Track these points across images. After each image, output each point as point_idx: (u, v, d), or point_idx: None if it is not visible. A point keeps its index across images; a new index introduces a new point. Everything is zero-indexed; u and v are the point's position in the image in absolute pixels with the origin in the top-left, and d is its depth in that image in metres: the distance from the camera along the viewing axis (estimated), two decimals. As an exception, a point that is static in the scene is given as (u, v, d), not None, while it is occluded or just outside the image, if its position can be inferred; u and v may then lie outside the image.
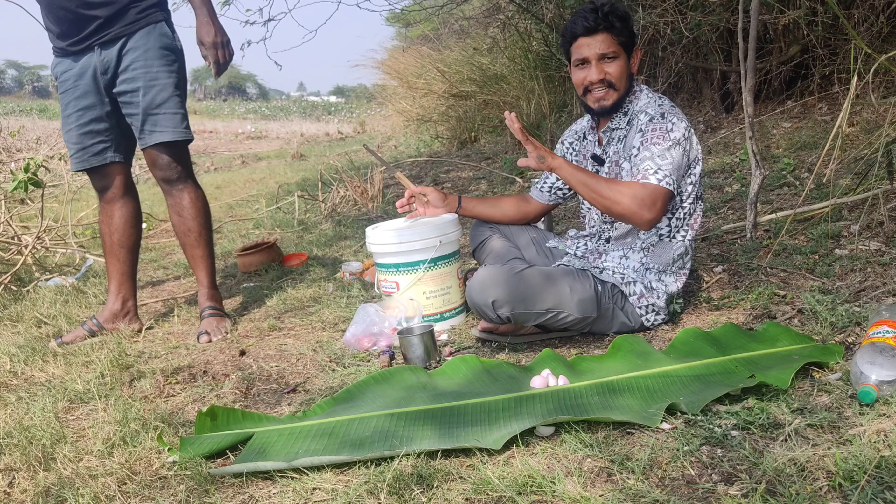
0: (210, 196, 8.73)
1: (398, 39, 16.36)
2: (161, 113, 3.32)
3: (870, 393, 1.98)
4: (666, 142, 2.75)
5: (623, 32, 2.83)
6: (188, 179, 3.51)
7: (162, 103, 3.32)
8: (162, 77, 3.31)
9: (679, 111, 2.87)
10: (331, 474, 1.98)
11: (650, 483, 1.77)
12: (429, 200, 3.34)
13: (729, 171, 5.16)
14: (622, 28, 2.83)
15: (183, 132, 3.40)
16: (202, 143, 21.85)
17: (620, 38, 2.83)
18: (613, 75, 2.86)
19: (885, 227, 3.30)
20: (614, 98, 2.90)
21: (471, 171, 7.47)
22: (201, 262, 3.53)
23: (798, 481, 1.68)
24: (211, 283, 3.58)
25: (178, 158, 3.44)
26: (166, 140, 3.35)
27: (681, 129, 2.78)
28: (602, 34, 2.83)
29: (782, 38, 6.12)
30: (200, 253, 3.51)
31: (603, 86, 2.88)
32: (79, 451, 2.24)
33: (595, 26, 2.82)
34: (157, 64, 3.30)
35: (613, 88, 2.88)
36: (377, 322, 3.06)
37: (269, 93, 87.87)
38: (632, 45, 2.89)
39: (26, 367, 3.09)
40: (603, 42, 2.83)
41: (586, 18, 2.83)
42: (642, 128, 2.84)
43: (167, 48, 3.33)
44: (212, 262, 3.59)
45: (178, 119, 3.37)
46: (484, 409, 2.25)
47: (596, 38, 2.83)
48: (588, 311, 2.82)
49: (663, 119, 2.80)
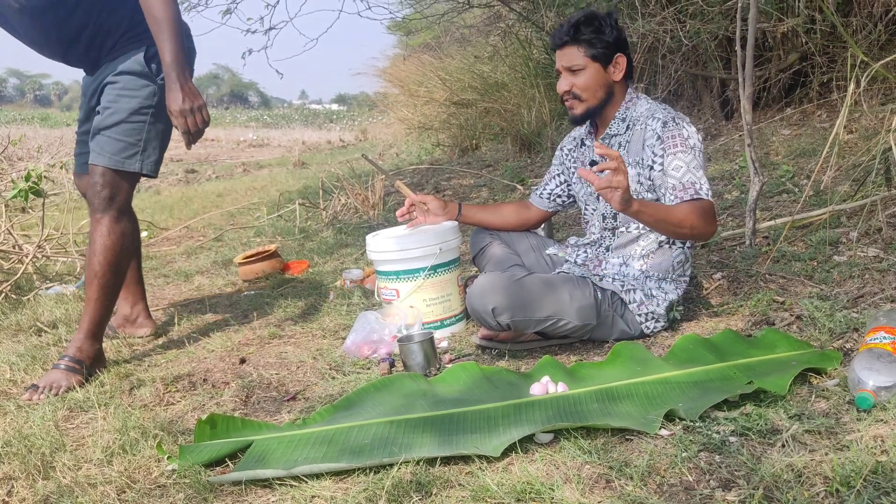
0: (212, 204, 8.83)
1: (400, 47, 16.40)
2: (105, 135, 3.13)
3: (867, 399, 1.98)
4: (690, 150, 2.78)
5: (595, 44, 2.86)
6: (109, 211, 3.15)
7: (109, 126, 3.13)
8: (122, 101, 3.14)
9: (683, 117, 2.89)
10: (330, 482, 1.98)
11: (648, 489, 1.77)
12: (429, 209, 3.35)
13: (728, 178, 5.16)
14: (594, 39, 2.86)
15: (117, 161, 3.12)
16: (203, 151, 21.89)
17: (591, 51, 2.87)
18: (578, 86, 2.91)
19: (884, 233, 3.31)
20: (582, 108, 2.95)
21: (472, 179, 7.48)
22: (88, 305, 3.11)
23: (795, 487, 1.69)
24: (87, 332, 3.11)
25: (106, 186, 3.15)
26: (95, 163, 3.14)
27: (694, 134, 2.83)
28: (568, 48, 2.90)
29: (781, 45, 6.14)
30: (91, 294, 3.10)
31: (570, 97, 2.95)
32: (78, 460, 2.24)
33: (560, 42, 2.91)
34: (120, 89, 3.14)
35: (579, 99, 2.93)
36: (377, 329, 3.06)
37: (271, 101, 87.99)
38: (610, 53, 2.90)
39: (26, 376, 3.09)
40: (568, 55, 2.90)
41: (556, 34, 2.94)
42: (659, 133, 2.83)
43: (139, 75, 3.15)
44: (101, 309, 3.12)
45: (120, 147, 3.13)
46: (483, 416, 2.25)
47: (563, 51, 2.92)
48: (588, 319, 2.82)
49: (676, 125, 2.82)
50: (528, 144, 8.18)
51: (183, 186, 12.66)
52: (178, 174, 15.34)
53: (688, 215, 2.69)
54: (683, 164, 2.76)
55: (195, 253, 5.89)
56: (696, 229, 2.70)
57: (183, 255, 5.82)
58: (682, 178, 2.76)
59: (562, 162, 3.27)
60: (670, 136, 2.81)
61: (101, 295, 3.11)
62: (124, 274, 3.22)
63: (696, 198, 2.72)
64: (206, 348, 3.34)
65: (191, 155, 19.53)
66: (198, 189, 11.44)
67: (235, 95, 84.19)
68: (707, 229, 2.72)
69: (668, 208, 2.73)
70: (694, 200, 2.72)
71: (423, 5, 9.99)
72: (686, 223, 2.68)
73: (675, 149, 2.78)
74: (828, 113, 5.87)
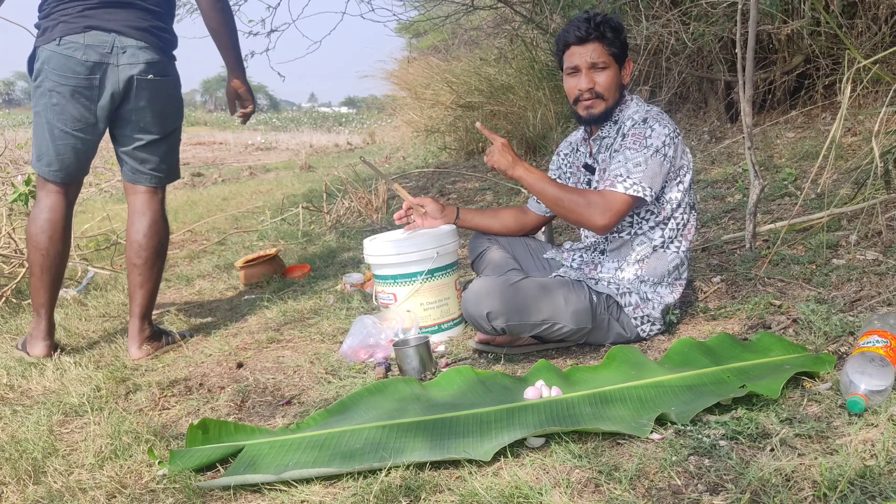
0: (216, 208, 8.84)
1: (408, 50, 16.39)
2: None
3: (858, 403, 1.98)
4: (643, 148, 2.76)
5: (615, 43, 2.84)
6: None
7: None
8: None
9: (665, 117, 2.87)
10: (319, 487, 1.98)
11: (636, 493, 1.77)
12: (427, 212, 3.34)
13: (732, 180, 5.15)
14: (614, 38, 2.83)
15: (33, 163, 3.39)
16: (211, 154, 21.91)
17: (612, 49, 2.84)
18: (602, 85, 2.86)
19: (883, 236, 3.30)
20: (602, 107, 2.90)
21: (477, 182, 7.48)
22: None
23: (783, 491, 1.68)
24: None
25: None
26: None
27: (661, 135, 2.79)
28: (593, 43, 2.83)
29: (786, 48, 6.12)
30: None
31: (591, 95, 2.88)
32: (70, 465, 2.25)
33: (587, 35, 2.83)
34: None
35: (602, 98, 2.88)
36: (374, 334, 3.06)
37: (279, 104, 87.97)
38: (623, 56, 2.89)
39: (23, 381, 3.10)
40: (594, 51, 2.83)
41: (578, 28, 2.84)
42: (625, 132, 2.86)
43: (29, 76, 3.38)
44: None
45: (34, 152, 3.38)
46: (476, 420, 2.25)
47: (587, 47, 2.84)
48: (583, 322, 2.82)
49: (644, 124, 2.82)
50: (533, 147, 8.17)
51: (189, 190, 12.67)
52: (185, 178, 15.32)
53: (575, 202, 2.80)
54: (624, 158, 2.78)
55: (198, 257, 5.89)
56: (581, 217, 2.80)
57: (185, 259, 5.82)
58: (614, 169, 2.79)
59: (559, 167, 3.27)
60: (633, 133, 2.82)
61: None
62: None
63: (608, 188, 2.76)
64: (204, 353, 3.34)
65: (197, 158, 19.58)
66: (203, 193, 11.44)
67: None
68: (591, 219, 2.78)
69: (560, 186, 2.87)
70: (595, 191, 2.80)
71: (429, 7, 9.99)
72: (573, 208, 2.81)
73: (626, 146, 2.80)
74: (832, 115, 5.84)
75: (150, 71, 3.25)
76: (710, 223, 4.38)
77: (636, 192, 2.73)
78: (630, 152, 2.77)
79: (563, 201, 2.82)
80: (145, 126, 3.35)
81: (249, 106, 3.64)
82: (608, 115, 2.94)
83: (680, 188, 2.87)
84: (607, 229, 2.79)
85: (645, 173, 2.74)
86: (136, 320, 3.37)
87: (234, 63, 3.51)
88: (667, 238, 2.89)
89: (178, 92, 3.47)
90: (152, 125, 3.36)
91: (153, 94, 3.30)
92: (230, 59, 3.50)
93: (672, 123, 2.85)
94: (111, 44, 3.18)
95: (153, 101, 3.31)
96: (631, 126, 2.84)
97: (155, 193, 3.44)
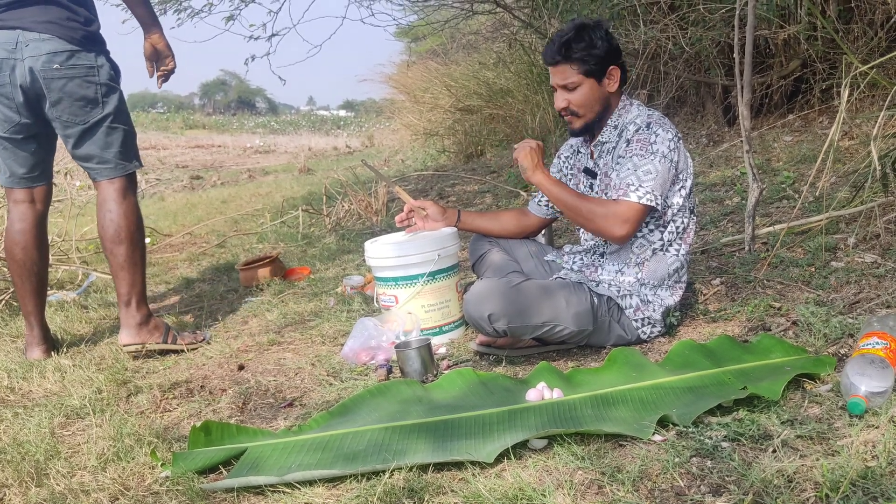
0: (216, 210, 8.85)
1: (407, 54, 16.40)
2: None
3: (859, 404, 1.98)
4: (650, 154, 2.77)
5: (587, 60, 2.84)
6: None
7: None
8: None
9: (668, 122, 2.88)
10: (322, 489, 1.99)
11: (640, 495, 1.78)
12: (428, 214, 3.35)
13: (730, 184, 5.16)
14: (585, 56, 2.83)
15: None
16: (210, 157, 21.94)
17: (584, 67, 2.85)
18: (576, 103, 2.90)
19: (881, 239, 3.31)
20: (580, 123, 2.95)
21: (476, 185, 7.48)
22: None
23: (785, 492, 1.69)
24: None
25: None
26: None
27: (666, 140, 2.80)
28: (561, 65, 2.87)
29: (783, 52, 6.13)
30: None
31: (567, 113, 2.95)
32: (72, 467, 2.25)
33: (553, 60, 2.88)
34: None
35: (576, 115, 2.93)
36: (375, 336, 3.07)
37: (278, 107, 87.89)
38: (603, 68, 2.88)
39: (24, 383, 3.10)
40: (562, 73, 2.88)
41: (547, 51, 2.91)
42: (629, 137, 2.87)
43: None
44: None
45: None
46: (478, 422, 2.26)
47: (557, 68, 2.89)
48: (584, 324, 2.82)
49: (648, 129, 2.83)
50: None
51: (188, 193, 12.69)
52: (184, 181, 15.37)
53: (593, 213, 2.83)
54: (633, 165, 2.79)
55: (197, 259, 5.90)
56: (599, 227, 2.83)
57: (185, 262, 5.83)
58: (624, 177, 2.80)
59: (559, 169, 3.27)
60: (637, 139, 2.83)
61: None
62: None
63: (622, 197, 2.77)
64: (205, 355, 3.34)
65: (196, 161, 19.57)
66: (202, 195, 11.46)
67: (243, 102, 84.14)
68: (609, 230, 2.80)
69: (576, 194, 2.91)
70: (612, 201, 2.80)
71: (428, 12, 10.00)
72: (591, 218, 2.84)
73: (633, 153, 2.81)
74: (829, 119, 5.85)
75: (54, 61, 3.20)
76: (710, 226, 4.38)
77: (649, 200, 2.74)
78: (638, 159, 2.78)
79: (582, 210, 2.85)
80: (68, 119, 3.29)
81: (170, 62, 3.57)
82: (588, 129, 2.99)
83: (682, 193, 2.88)
84: (626, 239, 2.83)
85: (656, 181, 2.76)
86: (121, 308, 3.39)
87: (146, 16, 3.46)
88: (666, 241, 2.90)
89: (97, 79, 3.34)
90: (74, 116, 3.30)
91: (64, 84, 3.24)
92: (140, 12, 3.45)
93: (674, 128, 2.86)
94: (16, 40, 3.18)
95: (66, 91, 3.25)
96: (635, 131, 2.85)
97: (111, 184, 3.39)
